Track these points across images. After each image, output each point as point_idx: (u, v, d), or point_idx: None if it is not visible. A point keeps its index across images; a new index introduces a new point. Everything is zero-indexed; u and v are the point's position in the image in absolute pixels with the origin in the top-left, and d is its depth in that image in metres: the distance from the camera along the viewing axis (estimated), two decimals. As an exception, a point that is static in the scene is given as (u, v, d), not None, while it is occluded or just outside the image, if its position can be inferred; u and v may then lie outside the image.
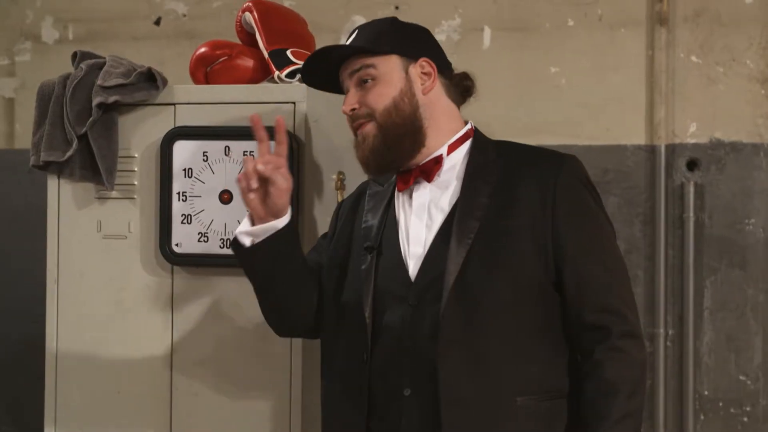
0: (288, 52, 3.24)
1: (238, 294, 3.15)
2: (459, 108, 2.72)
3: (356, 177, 3.45)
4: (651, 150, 4.05)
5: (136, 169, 3.23)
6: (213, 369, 3.17)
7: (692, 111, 4.00)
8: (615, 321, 2.50)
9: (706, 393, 4.01)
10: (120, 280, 3.24)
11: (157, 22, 4.44)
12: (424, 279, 2.57)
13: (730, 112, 3.97)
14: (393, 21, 2.71)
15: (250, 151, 3.09)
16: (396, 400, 2.56)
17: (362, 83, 2.64)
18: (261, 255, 2.70)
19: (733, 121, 3.97)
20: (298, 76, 3.21)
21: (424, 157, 2.64)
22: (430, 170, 2.63)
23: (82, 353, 3.28)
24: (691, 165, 4.05)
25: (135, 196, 3.23)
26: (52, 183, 3.30)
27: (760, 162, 3.96)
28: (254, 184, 2.66)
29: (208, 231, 3.14)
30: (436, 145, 2.64)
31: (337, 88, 2.76)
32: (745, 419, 4.01)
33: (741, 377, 4.01)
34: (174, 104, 3.20)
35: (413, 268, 2.60)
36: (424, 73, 2.64)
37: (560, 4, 4.08)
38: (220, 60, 3.27)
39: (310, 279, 2.79)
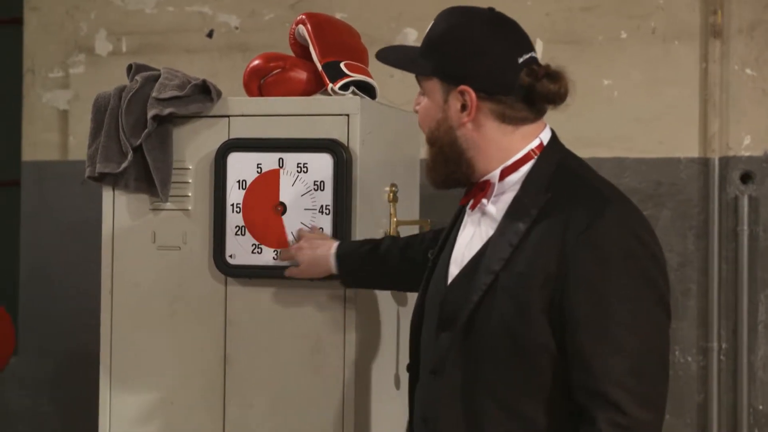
0: (341, 65, 3.25)
1: (292, 306, 3.15)
2: (537, 118, 2.39)
3: (409, 189, 3.45)
4: (704, 163, 4.02)
5: (190, 180, 3.25)
6: (267, 381, 3.17)
7: (746, 124, 3.98)
8: (601, 407, 2.19)
9: (760, 407, 3.98)
10: (174, 291, 3.26)
11: (210, 35, 4.47)
12: (446, 305, 2.42)
13: (785, 124, 3.95)
14: (457, 26, 2.38)
15: (304, 163, 3.10)
16: (418, 428, 2.49)
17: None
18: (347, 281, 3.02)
19: (788, 133, 3.95)
20: (352, 88, 3.22)
21: (480, 176, 2.41)
22: (477, 194, 2.42)
23: (136, 364, 3.29)
24: (745, 178, 4.02)
25: (189, 208, 3.25)
26: (107, 194, 3.32)
27: (814, 175, 3.94)
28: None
29: (262, 243, 3.15)
30: (487, 169, 2.39)
31: None
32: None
33: (798, 390, 3.99)
34: (228, 116, 3.22)
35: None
36: (462, 105, 2.36)
37: (613, 16, 4.06)
38: (274, 72, 3.28)
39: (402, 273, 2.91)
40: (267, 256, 3.15)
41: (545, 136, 2.40)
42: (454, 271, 2.44)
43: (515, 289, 2.27)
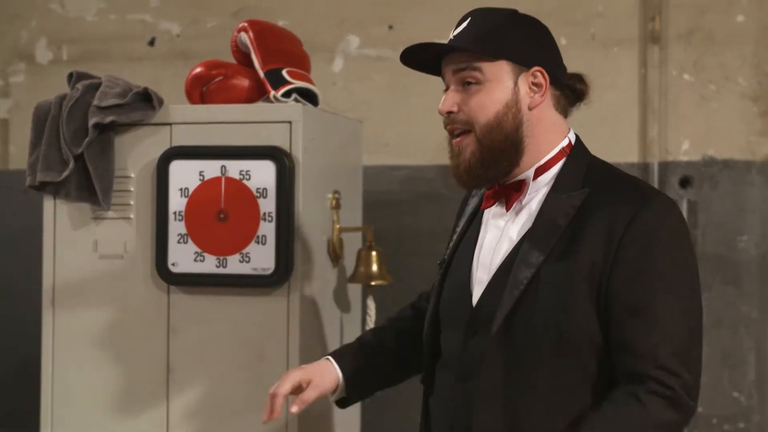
0: (284, 72, 3.26)
1: (235, 313, 3.16)
2: (567, 116, 2.46)
3: (351, 196, 3.46)
4: (644, 168, 4.06)
5: (132, 188, 3.24)
6: (210, 389, 3.17)
7: (685, 129, 4.01)
8: (647, 380, 2.23)
9: (700, 410, 4.01)
10: (116, 300, 3.25)
11: (152, 43, 4.45)
12: (481, 311, 2.38)
13: (723, 129, 3.98)
14: (512, 15, 2.41)
15: (247, 170, 3.10)
16: None
17: (465, 84, 2.37)
18: (353, 394, 2.65)
19: (726, 138, 3.98)
20: (294, 95, 3.23)
21: (514, 176, 2.40)
22: (511, 195, 2.42)
23: (79, 374, 3.28)
24: (684, 182, 4.05)
25: (131, 216, 3.24)
26: (48, 203, 3.31)
27: (752, 179, 3.97)
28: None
29: (205, 251, 3.15)
30: (527, 165, 2.39)
31: (436, 72, 2.47)
32: (740, 436, 4.02)
33: (735, 394, 4.01)
34: (170, 124, 3.22)
35: (476, 295, 2.41)
36: (535, 84, 2.37)
37: (553, 22, 4.03)
38: (216, 80, 3.29)
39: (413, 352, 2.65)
40: (210, 264, 3.15)
41: (572, 136, 2.45)
42: (482, 276, 2.41)
43: (560, 281, 2.28)
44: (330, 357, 2.64)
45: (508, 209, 2.42)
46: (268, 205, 3.11)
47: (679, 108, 4.01)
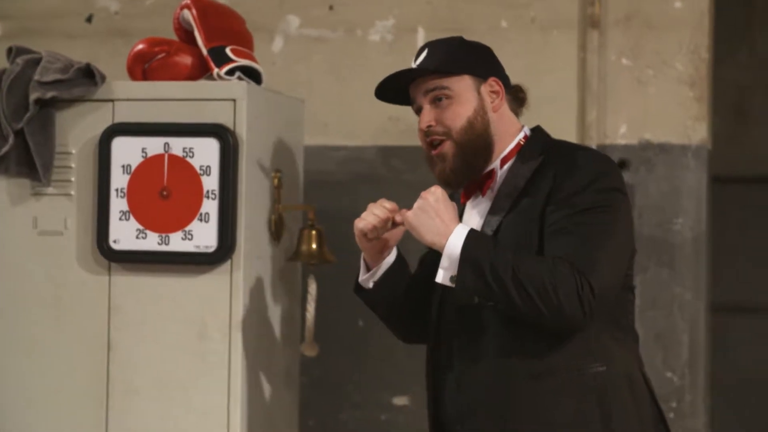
0: (227, 50, 3.25)
1: (177, 291, 3.15)
2: (518, 117, 2.85)
3: (293, 175, 3.47)
4: (582, 151, 4.09)
5: (73, 165, 3.22)
6: (152, 367, 3.17)
7: (623, 113, 4.05)
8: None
9: (634, 390, 4.06)
10: (56, 277, 3.23)
11: (89, 20, 4.41)
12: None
13: (660, 114, 4.03)
14: (461, 41, 2.82)
15: (190, 148, 3.10)
16: (448, 396, 2.75)
17: (436, 101, 2.75)
18: (383, 289, 2.86)
19: (663, 122, 4.03)
20: (238, 73, 3.23)
21: (485, 169, 2.77)
22: (483, 184, 2.77)
23: (17, 352, 3.26)
24: (621, 165, 4.09)
25: (72, 192, 3.23)
26: (-13, 179, 3.28)
27: (688, 163, 4.02)
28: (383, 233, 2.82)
29: (147, 228, 3.14)
30: (494, 157, 2.77)
31: (406, 102, 2.84)
32: (672, 415, 4.07)
33: (668, 374, 4.07)
34: (113, 100, 3.21)
35: None
36: (493, 92, 2.77)
37: (494, 5, 4.11)
38: (159, 57, 3.28)
39: (424, 294, 2.88)
40: (152, 241, 3.14)
41: (527, 131, 2.84)
42: None
43: (517, 226, 2.65)
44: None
45: (483, 194, 2.77)
46: (211, 183, 3.11)
47: (617, 92, 4.05)
